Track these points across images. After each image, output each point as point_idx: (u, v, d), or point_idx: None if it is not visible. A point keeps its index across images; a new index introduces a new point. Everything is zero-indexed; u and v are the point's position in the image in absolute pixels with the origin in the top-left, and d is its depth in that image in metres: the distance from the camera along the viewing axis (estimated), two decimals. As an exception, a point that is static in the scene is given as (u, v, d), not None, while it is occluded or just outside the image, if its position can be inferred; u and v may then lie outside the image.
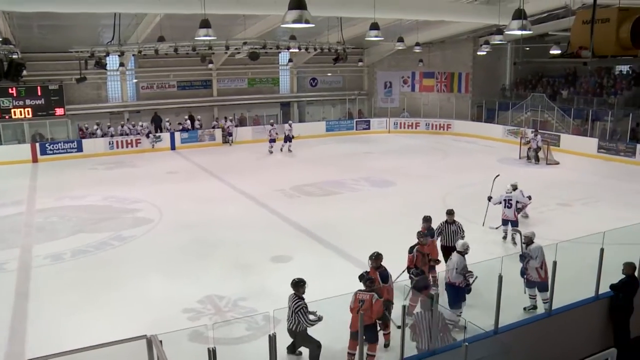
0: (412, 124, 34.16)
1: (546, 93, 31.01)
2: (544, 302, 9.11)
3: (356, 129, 33.98)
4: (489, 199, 14.22)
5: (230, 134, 29.96)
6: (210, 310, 10.24)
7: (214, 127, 30.16)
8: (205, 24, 13.30)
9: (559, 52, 22.68)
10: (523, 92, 32.83)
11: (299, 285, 8.18)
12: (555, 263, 8.06)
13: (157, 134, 28.58)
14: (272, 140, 27.26)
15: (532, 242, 9.67)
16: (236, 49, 26.39)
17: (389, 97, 36.55)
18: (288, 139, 27.65)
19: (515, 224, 13.54)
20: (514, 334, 7.70)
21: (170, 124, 29.35)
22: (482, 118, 32.77)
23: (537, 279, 9.49)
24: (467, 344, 6.65)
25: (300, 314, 8.02)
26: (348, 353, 8.24)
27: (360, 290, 8.19)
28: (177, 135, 29.06)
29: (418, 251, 10.00)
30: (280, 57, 33.66)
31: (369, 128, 34.18)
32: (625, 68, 30.64)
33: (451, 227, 11.16)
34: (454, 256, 9.40)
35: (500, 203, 13.72)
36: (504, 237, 13.69)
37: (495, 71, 34.93)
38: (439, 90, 35.44)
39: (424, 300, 7.85)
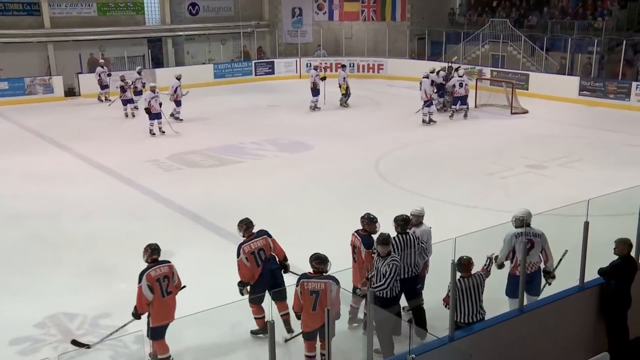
0: (330, 64, 34.15)
1: (510, 18, 31.79)
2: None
3: (256, 74, 33.82)
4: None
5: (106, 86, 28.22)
6: (55, 336, 9.87)
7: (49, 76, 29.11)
8: None
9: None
10: (479, 18, 33.53)
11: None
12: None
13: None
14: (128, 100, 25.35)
15: (421, 224, 9.45)
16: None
17: (299, 28, 36.50)
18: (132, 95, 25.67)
19: (430, 103, 22.87)
20: (475, 339, 7.76)
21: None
22: (425, 54, 33.34)
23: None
24: (413, 356, 6.60)
25: None
26: (306, 356, 8.27)
27: (306, 278, 8.04)
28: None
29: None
30: (144, -28, 32.96)
31: (273, 73, 34.06)
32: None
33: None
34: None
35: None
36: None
37: (442, -10, 35.53)
38: (367, 19, 35.69)
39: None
